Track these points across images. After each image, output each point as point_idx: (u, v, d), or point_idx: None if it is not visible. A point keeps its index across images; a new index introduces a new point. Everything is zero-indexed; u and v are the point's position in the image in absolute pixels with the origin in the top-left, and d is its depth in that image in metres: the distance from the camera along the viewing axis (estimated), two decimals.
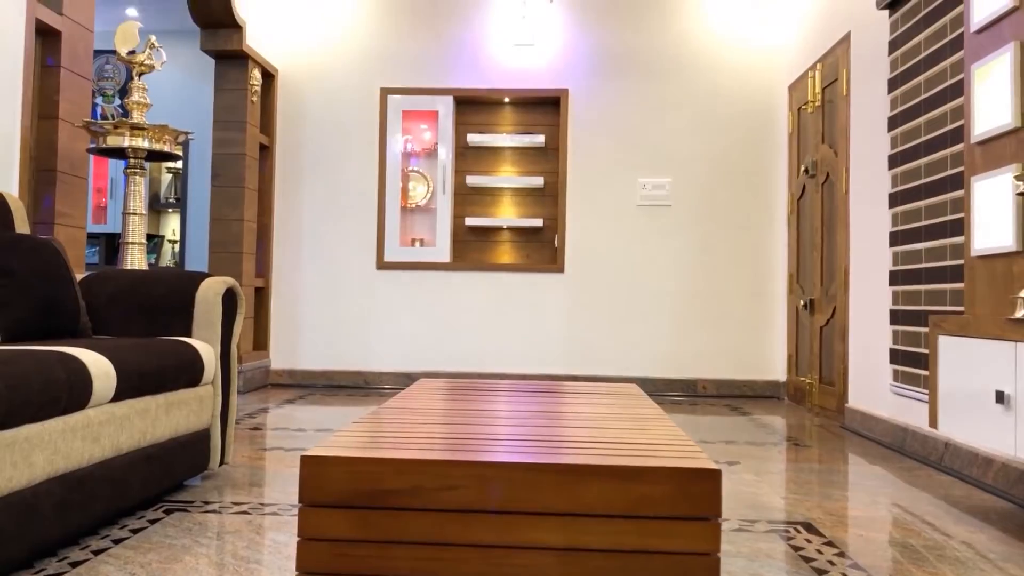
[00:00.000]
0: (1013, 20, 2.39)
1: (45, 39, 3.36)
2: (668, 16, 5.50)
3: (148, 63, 3.65)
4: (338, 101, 5.61)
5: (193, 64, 6.83)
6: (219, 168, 5.13)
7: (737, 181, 5.45)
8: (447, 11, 5.58)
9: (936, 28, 3.25)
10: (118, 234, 6.66)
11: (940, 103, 3.20)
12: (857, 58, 4.10)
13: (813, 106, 4.72)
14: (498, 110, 5.73)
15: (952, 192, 3.09)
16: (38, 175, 3.36)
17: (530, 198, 5.70)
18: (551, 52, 5.54)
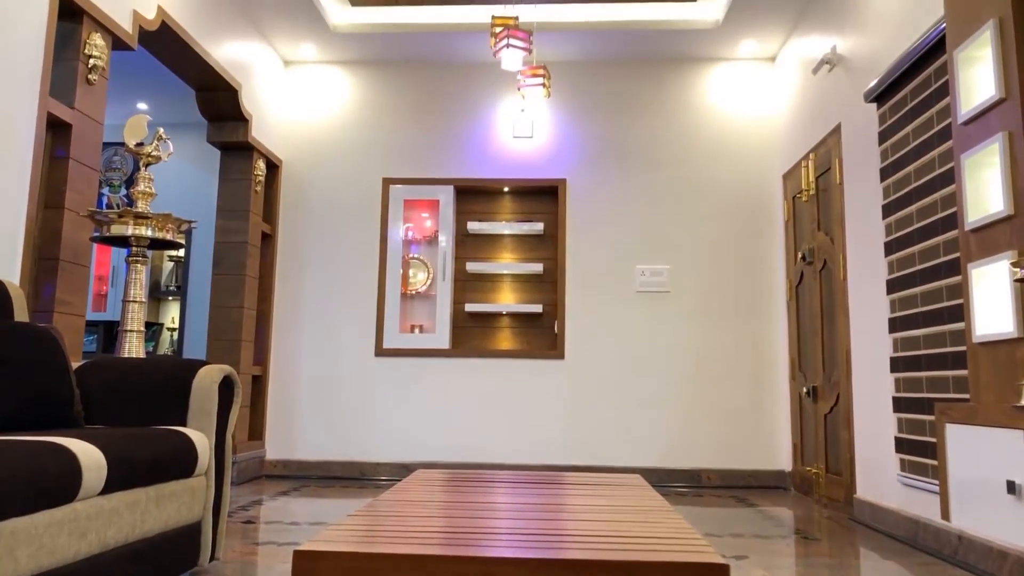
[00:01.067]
0: (1000, 111, 2.45)
1: (56, 131, 3.44)
2: (663, 108, 5.66)
3: (155, 154, 3.73)
4: (341, 190, 5.71)
5: (198, 155, 6.99)
6: (221, 256, 5.17)
7: (735, 268, 5.49)
8: (448, 104, 5.75)
9: (923, 120, 3.34)
10: (117, 322, 6.66)
11: (931, 191, 3.26)
12: (848, 148, 4.20)
13: (808, 195, 4.81)
14: (498, 199, 5.83)
15: (947, 278, 3.11)
16: (41, 263, 3.38)
17: (529, 284, 5.73)
18: (549, 143, 5.68)
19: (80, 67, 3.49)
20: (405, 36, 5.39)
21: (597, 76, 5.72)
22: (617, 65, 5.72)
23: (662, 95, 5.68)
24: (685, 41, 5.40)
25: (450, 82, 5.78)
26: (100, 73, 3.61)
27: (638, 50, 5.55)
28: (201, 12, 4.47)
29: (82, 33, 3.49)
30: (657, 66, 5.71)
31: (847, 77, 4.24)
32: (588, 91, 5.71)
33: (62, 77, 3.46)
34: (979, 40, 2.50)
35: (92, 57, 3.54)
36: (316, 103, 5.81)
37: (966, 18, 2.58)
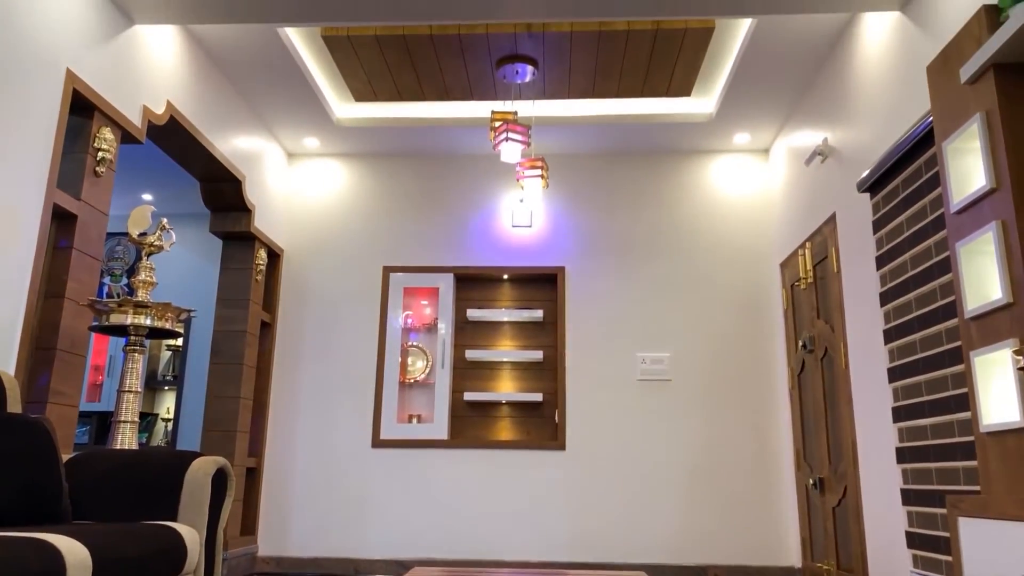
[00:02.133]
0: (992, 201, 2.49)
1: (61, 222, 3.48)
2: (660, 199, 5.76)
3: (157, 244, 3.76)
4: (341, 279, 5.74)
5: (200, 244, 7.07)
6: (219, 345, 5.15)
7: (736, 356, 5.46)
8: (448, 194, 5.86)
9: (916, 209, 3.39)
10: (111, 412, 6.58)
11: (928, 280, 3.27)
12: (844, 237, 4.25)
13: (806, 283, 4.83)
14: (497, 286, 5.86)
15: (951, 367, 3.08)
16: (37, 353, 3.36)
17: (529, 372, 5.68)
18: (548, 232, 5.75)
19: (89, 160, 3.57)
20: (407, 130, 5.54)
21: (594, 167, 5.85)
22: (614, 157, 5.86)
23: (659, 186, 5.79)
24: (680, 134, 5.54)
25: (450, 173, 5.90)
26: (108, 166, 3.69)
27: (634, 143, 5.70)
28: (209, 107, 4.61)
29: (92, 127, 3.58)
30: (653, 158, 5.84)
31: (839, 168, 4.33)
32: (586, 182, 5.83)
33: (71, 169, 3.53)
34: (967, 133, 2.56)
35: (101, 150, 3.62)
36: (318, 193, 5.92)
37: (953, 112, 2.65)
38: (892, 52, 3.70)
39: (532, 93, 5.17)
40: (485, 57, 4.72)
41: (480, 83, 5.04)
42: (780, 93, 4.91)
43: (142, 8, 3.77)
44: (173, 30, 4.21)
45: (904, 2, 3.58)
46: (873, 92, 3.89)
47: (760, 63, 4.54)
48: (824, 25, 4.17)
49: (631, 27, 4.37)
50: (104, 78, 3.64)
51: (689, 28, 4.37)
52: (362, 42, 4.56)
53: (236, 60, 4.61)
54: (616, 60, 4.75)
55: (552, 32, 4.44)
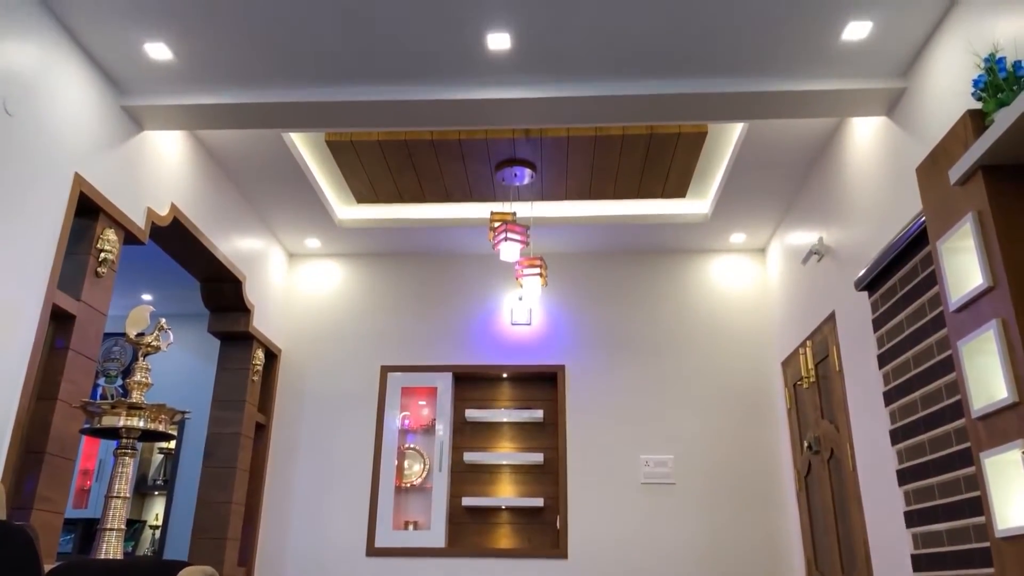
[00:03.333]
0: (990, 299, 2.49)
1: (59, 322, 3.47)
2: (659, 298, 5.78)
3: (155, 344, 3.74)
4: (339, 379, 5.69)
5: (198, 344, 7.04)
6: (213, 448, 5.05)
7: (740, 457, 5.35)
8: (447, 293, 5.88)
9: (915, 307, 3.39)
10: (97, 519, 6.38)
11: (932, 379, 3.23)
12: (844, 335, 4.24)
13: (808, 382, 4.78)
14: (496, 385, 5.80)
15: (962, 469, 3.00)
16: (26, 456, 3.28)
17: (530, 475, 5.55)
18: (548, 330, 5.74)
19: (91, 261, 3.59)
20: (407, 230, 5.61)
21: (593, 266, 5.90)
22: (611, 256, 5.92)
23: (657, 285, 5.82)
24: (676, 234, 5.62)
25: (450, 272, 5.95)
26: (109, 267, 3.71)
27: (631, 242, 5.77)
28: (212, 208, 4.69)
29: (96, 229, 3.63)
30: (651, 257, 5.90)
31: (836, 267, 4.36)
32: (584, 280, 5.86)
33: (72, 270, 3.55)
34: (960, 232, 2.59)
35: (103, 251, 3.66)
36: (318, 293, 5.94)
37: (945, 212, 2.69)
38: (881, 154, 3.79)
39: (530, 195, 5.28)
40: (484, 161, 4.84)
41: (480, 185, 5.15)
42: (774, 194, 5.00)
43: (152, 116, 3.89)
44: (180, 134, 4.33)
45: (890, 107, 3.70)
46: (865, 192, 3.97)
47: (753, 166, 4.66)
48: (814, 129, 4.30)
49: (626, 132, 4.50)
50: (111, 181, 3.71)
51: (682, 133, 4.50)
52: (365, 146, 4.69)
53: (241, 163, 4.72)
54: (612, 163, 4.87)
55: (549, 137, 4.57)
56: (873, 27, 3.29)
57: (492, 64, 3.58)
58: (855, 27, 3.29)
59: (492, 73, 3.64)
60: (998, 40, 2.82)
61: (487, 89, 3.72)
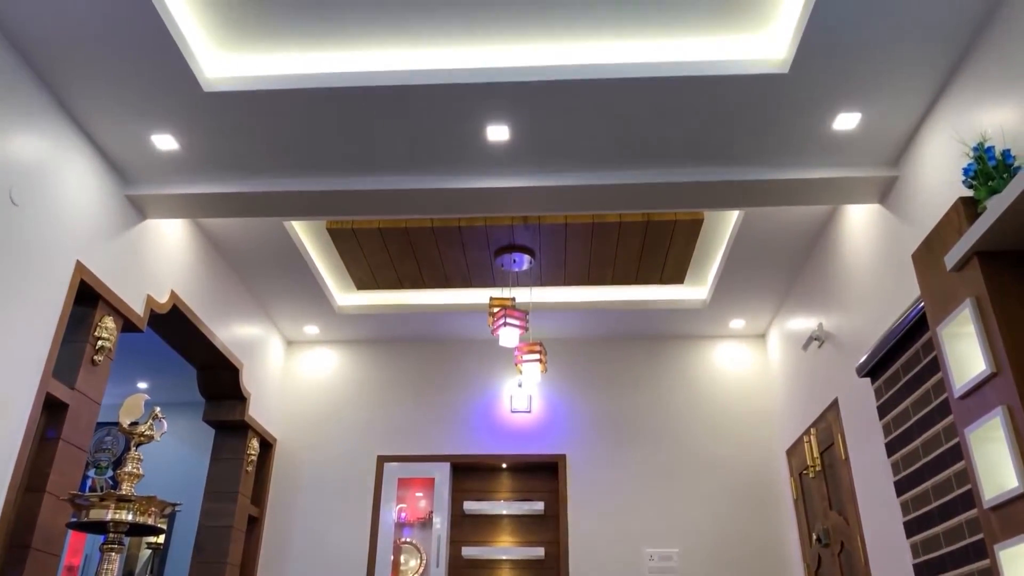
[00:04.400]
0: (995, 385, 2.45)
1: (51, 411, 3.42)
2: (660, 384, 5.72)
3: (148, 433, 3.67)
4: (333, 469, 5.57)
5: (192, 433, 6.93)
6: (203, 542, 4.89)
7: (748, 551, 5.18)
8: (445, 380, 5.82)
9: (920, 394, 3.34)
10: None
11: (942, 467, 3.16)
12: (849, 423, 4.17)
13: (814, 471, 4.68)
14: (495, 476, 5.67)
15: (978, 562, 2.90)
16: (11, 551, 3.17)
17: (530, 571, 5.36)
18: (548, 418, 5.66)
19: (87, 349, 3.57)
20: (407, 316, 5.61)
21: (593, 352, 5.86)
22: (611, 342, 5.89)
23: (658, 371, 5.77)
24: (676, 320, 5.61)
25: (448, 358, 5.91)
26: (106, 354, 3.69)
27: (631, 328, 5.75)
28: (212, 295, 4.69)
29: (95, 316, 3.62)
30: (651, 343, 5.87)
31: (837, 353, 4.33)
32: (585, 367, 5.82)
33: (68, 358, 3.53)
34: (960, 318, 2.58)
35: (101, 339, 3.64)
36: (315, 381, 5.89)
37: (943, 297, 2.69)
38: (876, 241, 3.82)
39: (529, 280, 5.30)
40: (484, 247, 4.89)
41: (479, 271, 5.18)
42: (772, 280, 5.03)
43: (156, 205, 3.94)
44: (182, 222, 4.38)
45: (883, 195, 3.76)
46: (862, 278, 3.98)
47: (750, 252, 4.69)
48: (809, 216, 4.35)
49: (623, 219, 4.56)
50: (112, 269, 3.73)
51: (679, 220, 4.56)
52: (366, 234, 4.74)
53: (241, 250, 4.76)
54: (609, 250, 4.91)
55: (547, 224, 4.62)
56: (862, 118, 3.37)
57: (491, 154, 3.66)
58: (845, 118, 3.37)
59: (491, 163, 3.72)
60: (985, 129, 2.88)
61: (487, 178, 3.79)
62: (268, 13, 3.07)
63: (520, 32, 3.17)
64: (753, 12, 3.06)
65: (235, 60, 3.30)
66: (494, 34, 3.18)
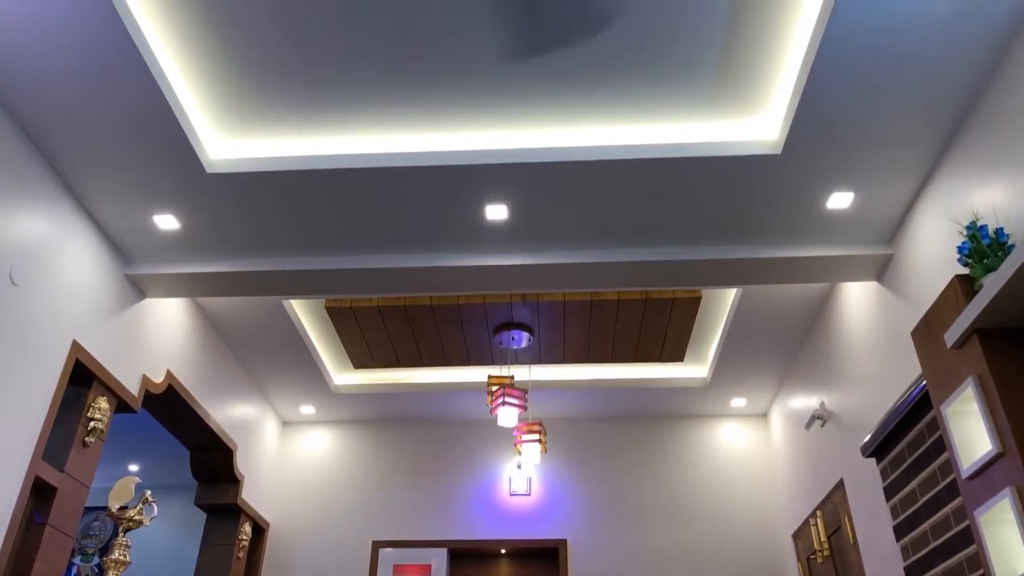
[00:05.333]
0: (1002, 465, 2.41)
1: (39, 495, 3.34)
2: (662, 464, 5.62)
3: (137, 518, 3.58)
4: (327, 555, 5.41)
5: (182, 518, 6.75)
6: None
7: None
8: (443, 461, 5.72)
9: (927, 475, 3.28)
10: None
11: (953, 551, 3.07)
12: (856, 504, 4.07)
13: (822, 556, 4.54)
14: (494, 562, 5.50)
15: None
16: None
17: None
18: (548, 501, 5.53)
19: (79, 430, 3.51)
20: (404, 395, 5.55)
21: (593, 432, 5.78)
22: (612, 421, 5.81)
23: (660, 451, 5.68)
24: (676, 399, 5.56)
25: (446, 439, 5.82)
26: (98, 436, 3.63)
27: (631, 407, 5.69)
28: (208, 375, 4.65)
29: (88, 397, 3.58)
30: (652, 422, 5.79)
31: (840, 432, 4.27)
32: (585, 446, 5.72)
33: (59, 439, 3.46)
34: (963, 396, 2.55)
35: (93, 420, 3.58)
36: (310, 462, 5.78)
37: (945, 375, 2.66)
38: (874, 318, 3.82)
39: (528, 358, 5.27)
40: (482, 325, 4.88)
41: (477, 349, 5.16)
42: (772, 358, 5.00)
43: (155, 284, 3.95)
44: (180, 301, 4.38)
45: (879, 273, 3.77)
46: (862, 356, 3.96)
47: (749, 330, 4.68)
48: (807, 294, 4.36)
49: (621, 297, 4.57)
50: (108, 349, 3.71)
51: (677, 298, 4.57)
52: (364, 313, 4.73)
53: (239, 329, 4.75)
54: (608, 328, 4.90)
55: (546, 301, 4.63)
56: (855, 197, 3.42)
57: (490, 233, 3.69)
58: (838, 197, 3.42)
59: (490, 241, 3.75)
60: (977, 208, 2.92)
61: (486, 256, 3.81)
62: (269, 99, 3.15)
63: (519, 115, 3.25)
64: (746, 96, 3.15)
65: (237, 143, 3.37)
66: (493, 117, 3.26)
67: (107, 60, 2.80)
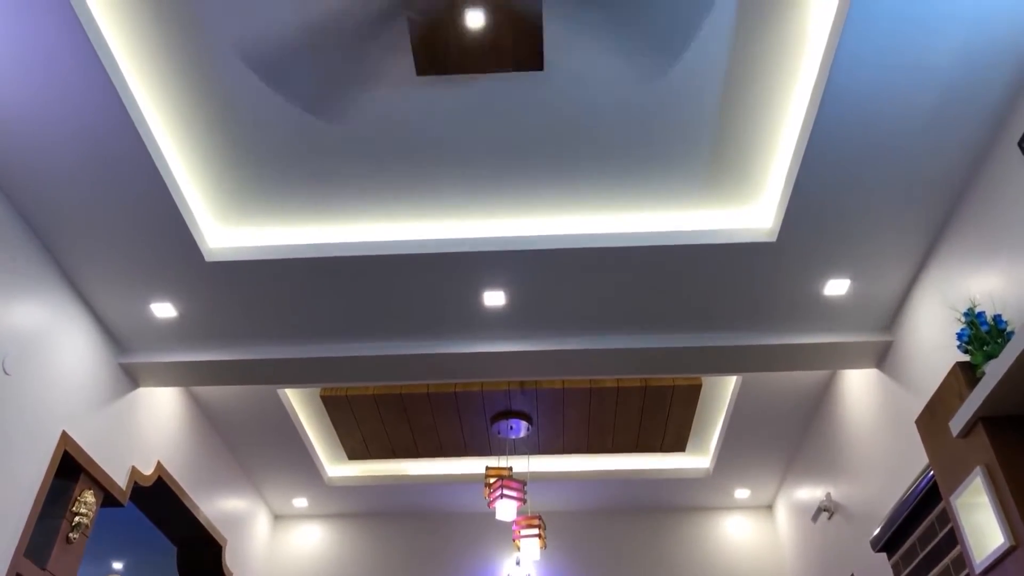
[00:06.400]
0: (1015, 559, 2.32)
1: None
2: (665, 559, 5.44)
3: None
4: None
5: None
6: None
7: None
8: (439, 557, 5.54)
9: (940, 570, 3.16)
10: None
11: None
12: None
13: None
14: None
15: None
16: None
17: None
18: None
19: (63, 525, 3.40)
20: (399, 487, 5.42)
21: (594, 525, 5.61)
22: (614, 514, 5.65)
23: (663, 545, 5.50)
24: (679, 490, 5.42)
25: (442, 533, 5.64)
26: (82, 531, 3.51)
27: (633, 499, 5.54)
28: (198, 466, 4.55)
29: (75, 490, 3.48)
30: (655, 515, 5.64)
31: (849, 525, 4.15)
32: (586, 542, 5.55)
33: (42, 535, 3.35)
34: (972, 487, 2.49)
35: (79, 515, 3.48)
36: (301, 558, 5.59)
37: (952, 465, 2.60)
38: (877, 406, 3.77)
39: (527, 449, 5.17)
40: (480, 413, 4.81)
41: (475, 439, 5.06)
42: (775, 448, 4.90)
43: (149, 373, 3.91)
44: (173, 390, 4.33)
45: (879, 360, 3.75)
46: (866, 444, 3.88)
47: (751, 419, 4.61)
48: (808, 382, 4.32)
49: (620, 384, 4.52)
50: (97, 440, 3.64)
51: (677, 385, 4.52)
52: (360, 401, 4.67)
53: (232, 419, 4.67)
54: (608, 416, 4.83)
55: (545, 389, 4.58)
56: (852, 283, 3.43)
57: (488, 319, 3.68)
58: (835, 284, 3.43)
59: (488, 328, 3.73)
60: (973, 295, 2.92)
61: (483, 343, 3.79)
62: (269, 188, 3.20)
63: (516, 203, 3.29)
64: (740, 185, 3.20)
65: (236, 231, 3.40)
66: (491, 205, 3.30)
67: (113, 153, 2.86)
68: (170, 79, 2.79)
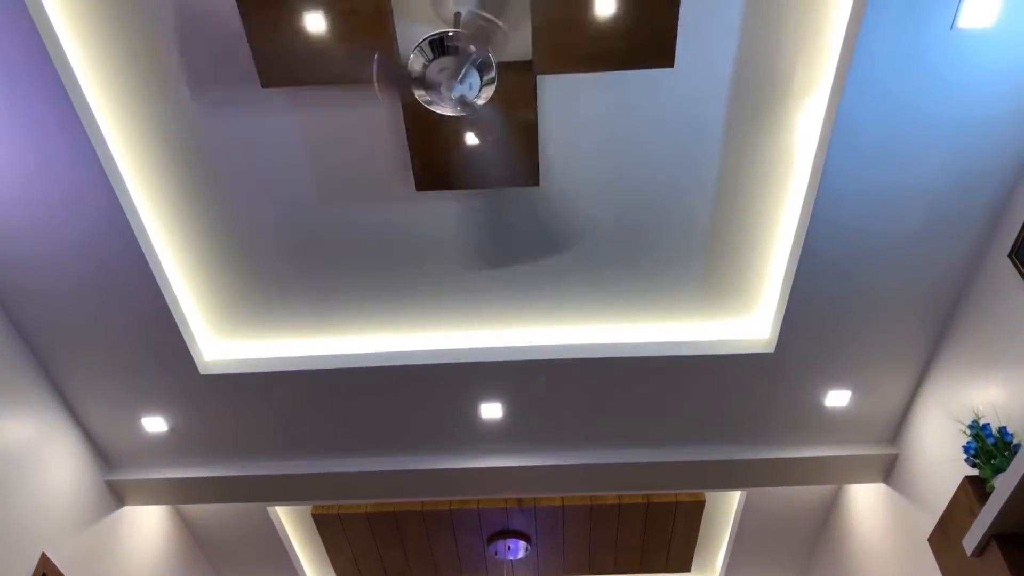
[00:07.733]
0: None
1: None
2: None
3: None
4: None
5: None
6: None
7: None
8: None
9: None
10: None
11: None
12: None
13: None
14: None
15: None
16: None
17: None
18: None
19: None
20: None
21: None
22: None
23: None
24: None
25: None
26: None
27: None
28: None
29: None
30: None
31: None
32: None
33: None
34: None
35: None
36: None
37: None
38: (886, 521, 3.65)
39: (526, 570, 4.96)
40: (476, 532, 4.64)
41: (471, 560, 4.87)
42: (784, 567, 4.71)
43: (136, 490, 3.80)
44: (160, 508, 4.19)
45: (886, 474, 3.66)
46: (876, 561, 3.73)
47: (757, 535, 4.46)
48: (814, 496, 4.20)
49: (622, 500, 4.39)
50: (79, 561, 3.48)
51: (680, 501, 4.38)
52: (352, 520, 4.52)
53: (220, 539, 4.50)
54: (610, 534, 4.66)
55: (544, 506, 4.43)
56: (852, 395, 3.39)
57: (485, 433, 3.62)
58: (835, 395, 3.39)
59: (485, 442, 3.66)
60: (976, 406, 2.88)
61: (480, 458, 3.70)
62: (265, 303, 3.21)
63: (514, 314, 3.30)
64: (738, 295, 3.22)
65: (230, 344, 3.39)
66: (487, 316, 3.31)
67: (114, 270, 2.91)
68: (171, 193, 2.85)
